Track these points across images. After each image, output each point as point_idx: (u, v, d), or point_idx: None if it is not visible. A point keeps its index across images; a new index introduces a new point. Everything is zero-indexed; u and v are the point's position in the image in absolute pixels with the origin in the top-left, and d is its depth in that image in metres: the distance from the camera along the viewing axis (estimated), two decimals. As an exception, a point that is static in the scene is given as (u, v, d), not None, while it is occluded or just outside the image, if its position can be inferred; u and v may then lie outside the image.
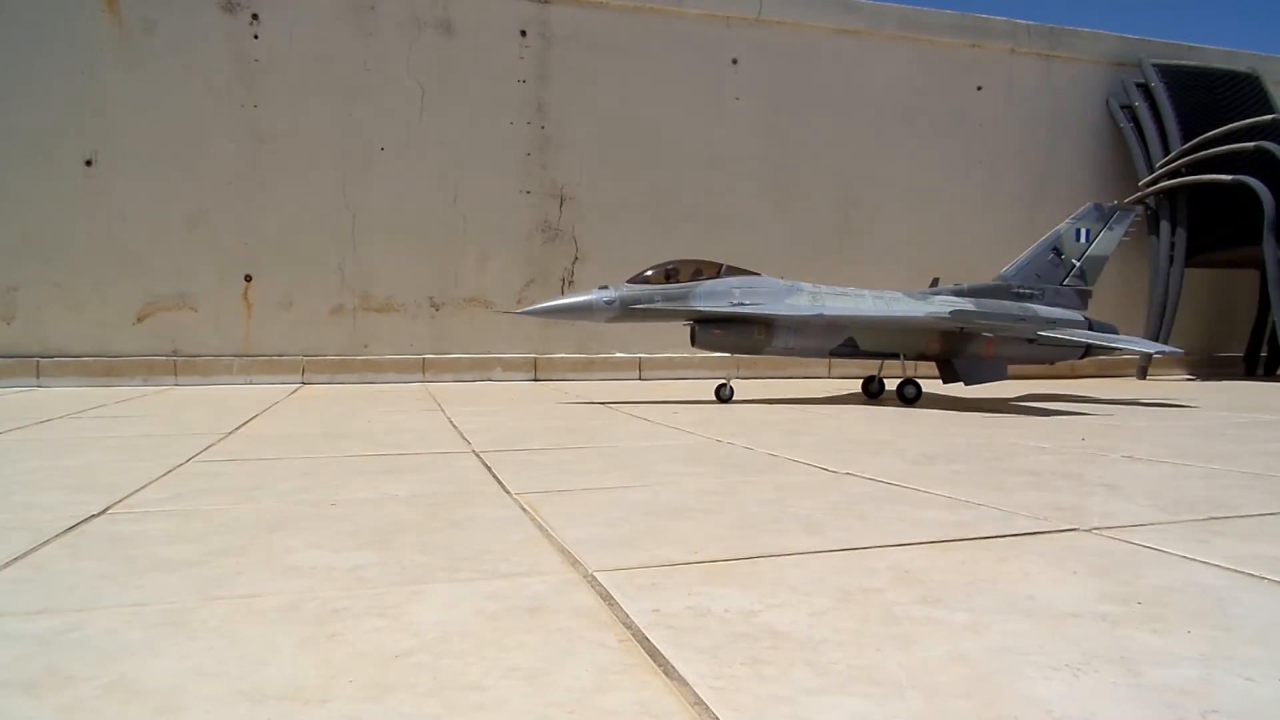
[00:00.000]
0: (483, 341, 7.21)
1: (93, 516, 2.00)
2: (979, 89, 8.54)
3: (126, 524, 1.93)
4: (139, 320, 6.51)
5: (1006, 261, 8.79)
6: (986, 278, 8.71)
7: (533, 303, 7.35)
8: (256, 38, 6.66)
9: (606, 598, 1.40)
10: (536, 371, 7.27)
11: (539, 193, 7.33)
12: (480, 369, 7.13)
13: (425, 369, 7.01)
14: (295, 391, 6.06)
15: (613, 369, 7.47)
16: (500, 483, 2.43)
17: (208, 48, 6.59)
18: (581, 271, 7.44)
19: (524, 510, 2.07)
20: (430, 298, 7.10)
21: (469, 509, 2.08)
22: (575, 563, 1.61)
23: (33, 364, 6.29)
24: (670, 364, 7.60)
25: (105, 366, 6.40)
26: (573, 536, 1.80)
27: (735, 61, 7.80)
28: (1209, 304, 9.57)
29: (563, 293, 7.42)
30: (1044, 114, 8.85)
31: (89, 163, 6.41)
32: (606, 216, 7.49)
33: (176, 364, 6.53)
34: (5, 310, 6.32)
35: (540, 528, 1.88)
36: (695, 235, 7.72)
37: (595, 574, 1.53)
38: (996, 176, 8.66)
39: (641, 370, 7.53)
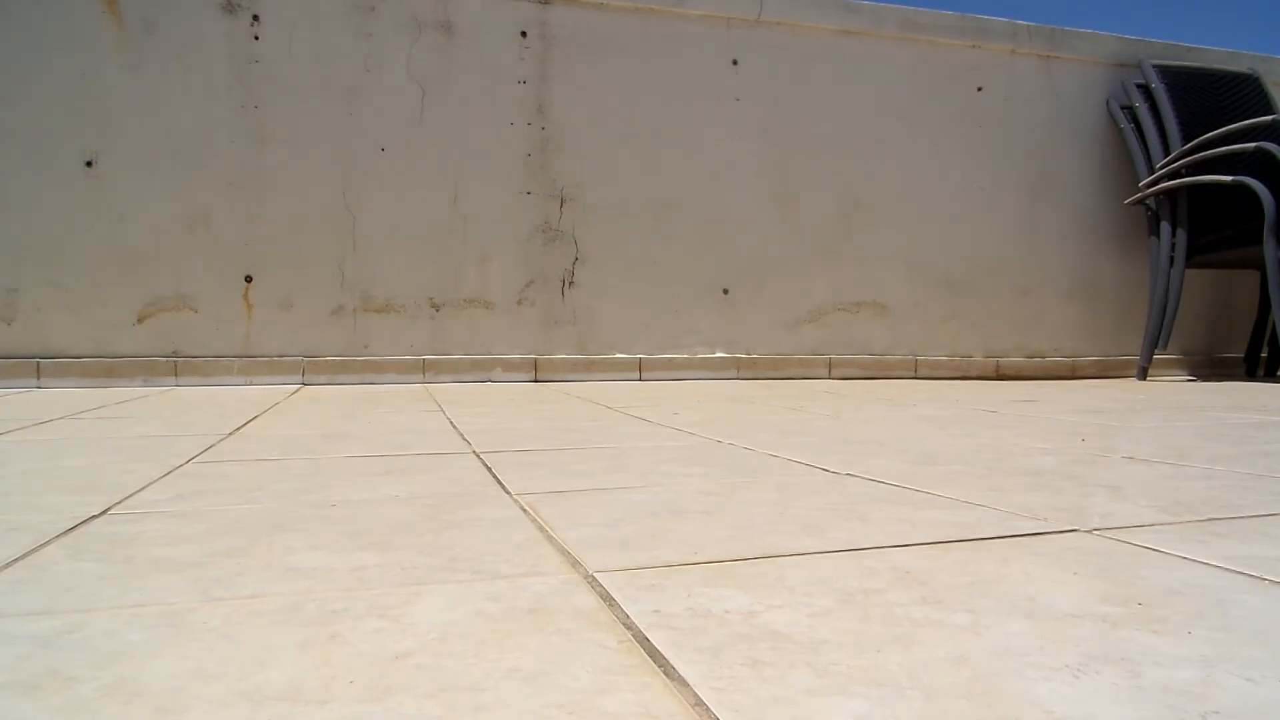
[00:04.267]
0: (483, 342, 7.21)
1: (93, 517, 2.00)
2: (979, 90, 8.54)
3: (127, 525, 1.93)
4: (139, 321, 6.52)
5: (1007, 261, 8.82)
6: (988, 278, 8.74)
7: (533, 304, 7.38)
8: (257, 39, 6.66)
9: (607, 599, 1.40)
10: (537, 372, 7.27)
11: (539, 193, 7.33)
12: (480, 370, 7.13)
13: (425, 370, 7.01)
14: (296, 392, 6.07)
15: (613, 370, 7.47)
16: (501, 484, 2.44)
17: (208, 48, 6.59)
18: (582, 272, 7.44)
19: (524, 511, 2.07)
20: (430, 298, 7.10)
21: (470, 510, 2.08)
22: (575, 564, 1.61)
23: (33, 365, 6.30)
24: (671, 365, 7.60)
25: (105, 368, 6.40)
26: (573, 537, 1.80)
27: (736, 62, 7.80)
28: (1209, 305, 9.57)
29: (563, 295, 7.44)
30: (1044, 115, 8.85)
31: (89, 164, 6.41)
32: (607, 218, 7.49)
33: (177, 365, 6.53)
34: (6, 312, 6.32)
35: (540, 529, 1.88)
36: (696, 236, 7.74)
37: (595, 575, 1.53)
38: (997, 177, 8.66)
39: (642, 371, 7.54)
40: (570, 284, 7.42)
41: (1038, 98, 8.81)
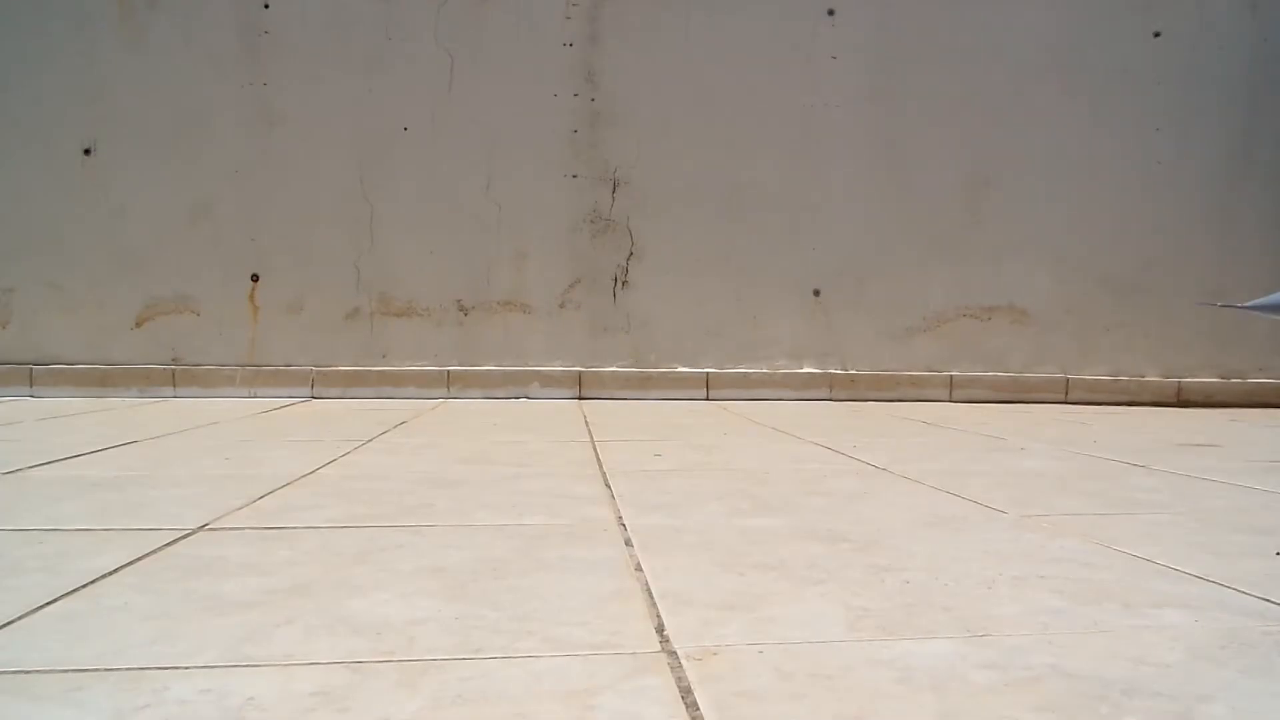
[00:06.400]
0: (518, 352, 6.14)
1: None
2: (1156, 35, 6.68)
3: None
4: (138, 325, 5.87)
5: (1195, 251, 6.85)
6: (1168, 276, 6.82)
7: (579, 307, 6.22)
8: (267, 6, 5.90)
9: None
10: (581, 388, 6.13)
11: (587, 177, 6.19)
12: (514, 384, 6.06)
13: (450, 383, 6.01)
14: (290, 406, 5.20)
15: (674, 386, 6.22)
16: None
17: (213, 19, 5.87)
18: (638, 270, 6.24)
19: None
20: (458, 300, 6.11)
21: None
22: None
23: (26, 371, 5.76)
24: (745, 381, 6.25)
25: (100, 376, 5.79)
26: None
27: (832, 12, 6.37)
28: None
29: (614, 296, 6.25)
30: (1246, 66, 6.85)
31: (88, 152, 5.83)
32: (669, 204, 6.26)
33: (175, 374, 5.84)
34: (1, 314, 5.82)
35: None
36: (780, 225, 6.36)
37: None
38: (1180, 148, 6.75)
39: (710, 389, 6.23)
40: (623, 284, 6.23)
41: (1237, 45, 6.80)
